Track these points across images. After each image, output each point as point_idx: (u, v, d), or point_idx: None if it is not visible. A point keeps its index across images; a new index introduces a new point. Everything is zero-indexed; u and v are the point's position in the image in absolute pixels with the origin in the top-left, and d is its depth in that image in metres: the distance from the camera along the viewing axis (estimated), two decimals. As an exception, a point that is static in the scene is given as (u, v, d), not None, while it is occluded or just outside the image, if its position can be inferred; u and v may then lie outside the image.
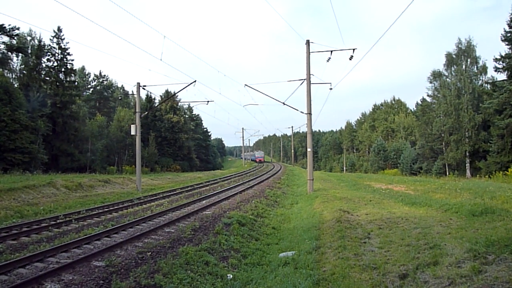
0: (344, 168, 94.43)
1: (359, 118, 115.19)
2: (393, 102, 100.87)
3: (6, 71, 43.07)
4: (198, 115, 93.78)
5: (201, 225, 11.98)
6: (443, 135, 49.25)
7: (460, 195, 17.61)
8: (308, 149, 23.32)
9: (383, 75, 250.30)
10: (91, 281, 6.82)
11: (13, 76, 45.76)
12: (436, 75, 52.88)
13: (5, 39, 36.68)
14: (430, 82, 54.15)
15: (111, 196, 22.30)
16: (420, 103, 71.65)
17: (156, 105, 59.55)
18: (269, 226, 13.36)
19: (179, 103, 67.25)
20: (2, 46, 37.21)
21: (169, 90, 64.67)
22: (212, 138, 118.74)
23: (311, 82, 22.32)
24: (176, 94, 63.60)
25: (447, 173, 47.11)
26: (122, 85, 79.97)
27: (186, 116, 77.88)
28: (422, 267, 6.29)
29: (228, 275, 7.86)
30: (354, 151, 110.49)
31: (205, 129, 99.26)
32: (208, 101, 29.76)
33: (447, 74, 51.22)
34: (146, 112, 43.45)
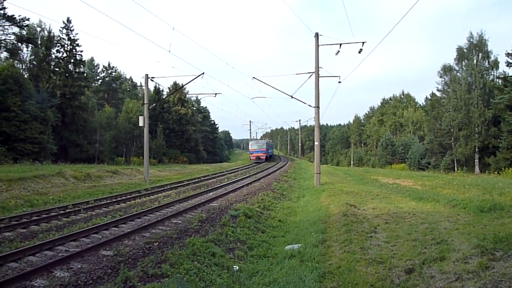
0: (351, 162, 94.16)
1: (367, 112, 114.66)
2: (402, 96, 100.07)
3: (16, 61, 43.33)
4: (206, 107, 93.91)
5: (208, 217, 12.05)
6: (452, 130, 48.74)
7: (468, 191, 17.49)
8: (316, 143, 23.27)
9: (393, 69, 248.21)
10: (99, 269, 6.92)
11: (23, 66, 46.05)
12: (446, 70, 52.22)
13: (15, 29, 36.89)
14: (440, 77, 53.55)
15: (119, 187, 22.50)
16: (429, 97, 70.86)
17: (164, 97, 59.61)
18: (275, 219, 13.40)
19: (187, 95, 67.30)
20: (13, 37, 37.40)
21: (177, 82, 64.66)
22: (219, 131, 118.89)
23: (320, 75, 22.20)
24: (184, 86, 63.63)
25: (456, 169, 46.70)
26: (131, 77, 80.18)
27: (194, 108, 77.97)
28: (429, 262, 6.27)
29: (234, 266, 7.92)
30: (362, 145, 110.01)
31: (212, 122, 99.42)
32: (216, 94, 29.75)
33: (457, 69, 50.57)
34: (154, 104, 43.59)
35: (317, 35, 21.99)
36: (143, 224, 10.76)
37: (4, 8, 34.61)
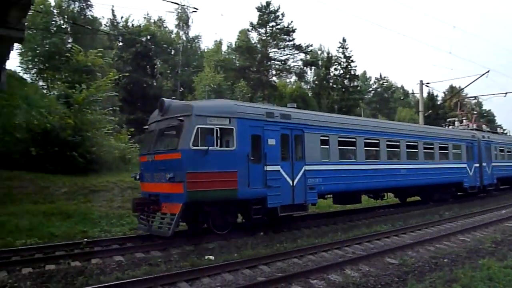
0: None
1: None
2: None
3: (302, 83, 51.02)
4: (489, 110, 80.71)
5: (504, 239, 10.32)
6: None
7: None
8: None
9: None
10: (386, 276, 7.06)
11: (308, 87, 53.68)
12: None
13: (302, 56, 43.58)
14: None
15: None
16: None
17: (438, 102, 55.62)
18: None
19: (466, 98, 60.15)
20: (300, 62, 44.35)
21: (453, 85, 59.10)
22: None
23: None
24: (462, 89, 57.19)
25: None
26: (402, 85, 79.43)
27: (474, 112, 68.69)
28: None
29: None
30: None
31: (498, 126, 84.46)
32: (506, 93, 25.41)
33: None
34: (430, 111, 41.33)
35: None
36: (425, 237, 10.36)
37: (294, 39, 41.59)
